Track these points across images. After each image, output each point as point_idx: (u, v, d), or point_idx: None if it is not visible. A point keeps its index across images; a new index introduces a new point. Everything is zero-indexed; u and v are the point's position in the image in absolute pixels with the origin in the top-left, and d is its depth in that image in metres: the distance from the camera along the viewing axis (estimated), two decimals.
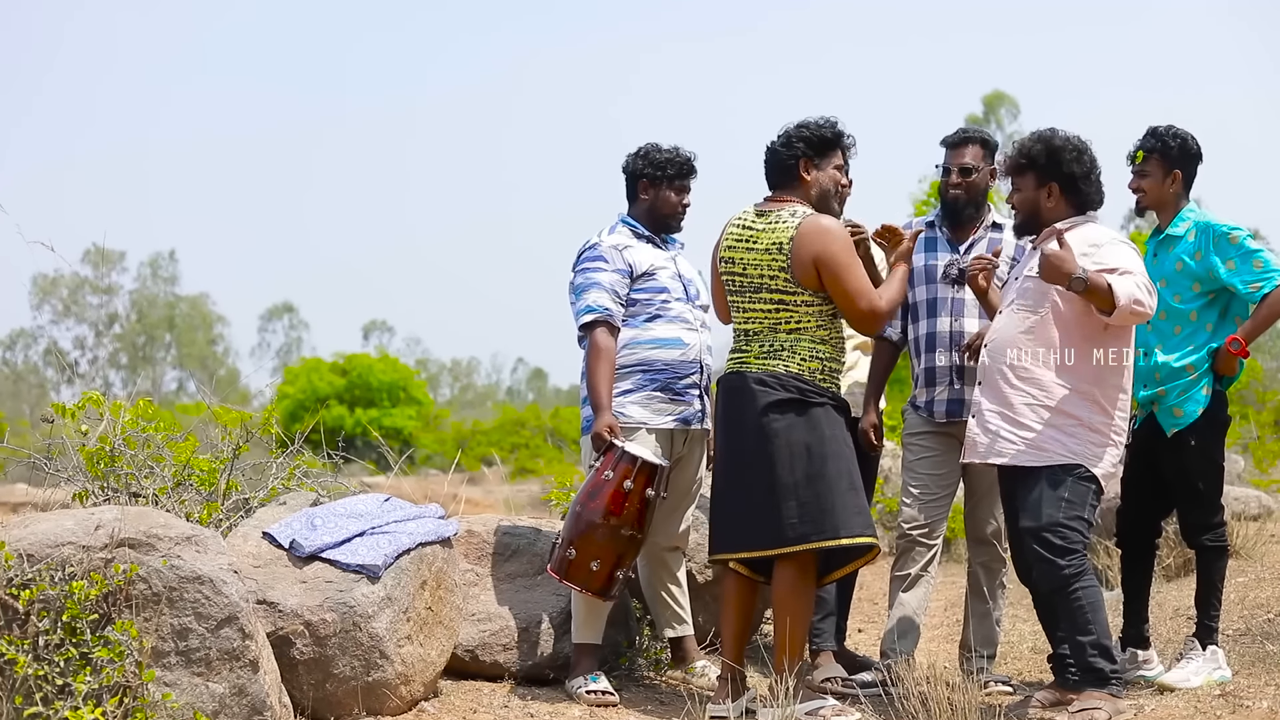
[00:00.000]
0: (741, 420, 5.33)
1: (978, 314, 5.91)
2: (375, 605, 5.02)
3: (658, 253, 6.01)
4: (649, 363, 5.85)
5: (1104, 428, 5.25)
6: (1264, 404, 25.68)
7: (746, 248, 5.37)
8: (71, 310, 60.41)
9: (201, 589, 4.38)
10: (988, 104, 55.78)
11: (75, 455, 5.49)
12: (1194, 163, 5.84)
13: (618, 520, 5.48)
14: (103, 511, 4.52)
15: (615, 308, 5.84)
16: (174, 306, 63.01)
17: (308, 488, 5.94)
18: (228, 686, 4.40)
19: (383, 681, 5.03)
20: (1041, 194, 5.40)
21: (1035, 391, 5.27)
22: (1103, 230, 5.36)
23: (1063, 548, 5.17)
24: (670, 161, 6.01)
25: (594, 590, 5.56)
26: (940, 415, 6.00)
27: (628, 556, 5.58)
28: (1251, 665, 5.79)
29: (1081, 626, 5.15)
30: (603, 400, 5.69)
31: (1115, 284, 5.08)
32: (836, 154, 5.48)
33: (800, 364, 5.29)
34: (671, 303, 5.90)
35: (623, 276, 5.88)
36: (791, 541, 5.18)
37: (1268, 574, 8.09)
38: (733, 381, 5.39)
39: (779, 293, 5.31)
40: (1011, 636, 7.36)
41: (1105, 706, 5.05)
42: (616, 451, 5.54)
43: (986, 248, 6.02)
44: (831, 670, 6.04)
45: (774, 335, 5.34)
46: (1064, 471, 5.21)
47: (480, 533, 6.16)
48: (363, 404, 39.20)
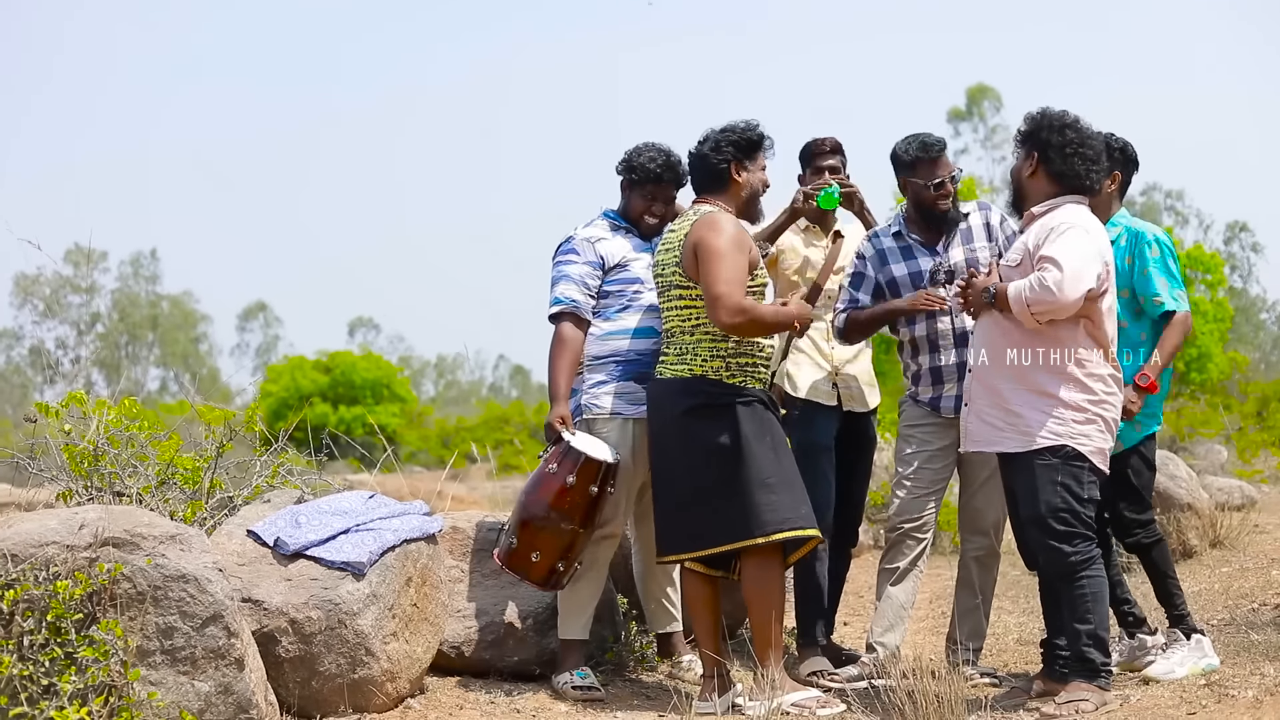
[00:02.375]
0: (662, 426, 5.50)
1: None
2: (360, 602, 5.01)
3: (633, 244, 6.02)
4: (621, 353, 5.87)
5: (1086, 404, 5.23)
6: (1246, 395, 25.80)
7: (665, 250, 5.53)
8: (53, 310, 60.21)
9: (186, 587, 4.37)
10: (971, 96, 55.92)
11: (59, 455, 5.47)
12: (1131, 168, 5.94)
13: (558, 514, 5.52)
14: (87, 511, 4.51)
15: (583, 299, 5.88)
16: (156, 305, 62.83)
17: (292, 485, 5.93)
18: (213, 685, 4.39)
19: (368, 678, 5.02)
20: (1025, 165, 5.40)
21: (1017, 375, 5.27)
22: (1074, 214, 5.30)
23: (1067, 533, 5.18)
24: (642, 168, 5.99)
25: (535, 580, 5.61)
26: (948, 411, 5.99)
27: (573, 549, 5.59)
28: (1236, 655, 5.81)
29: (1081, 615, 5.17)
30: (559, 391, 5.77)
31: (1009, 290, 5.18)
32: (761, 157, 5.58)
33: (703, 365, 5.40)
34: (644, 293, 5.91)
35: (594, 269, 5.91)
36: (720, 542, 5.32)
37: (1251, 564, 8.13)
38: (652, 388, 5.56)
39: (679, 288, 5.45)
40: (997, 628, 7.37)
41: (1092, 698, 5.06)
42: (563, 445, 5.58)
43: (962, 239, 6.05)
44: (817, 664, 6.04)
45: (681, 338, 5.47)
46: (1052, 454, 5.20)
47: (465, 529, 6.16)
48: (346, 401, 39.10)
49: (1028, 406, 5.24)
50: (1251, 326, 56.19)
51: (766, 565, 5.33)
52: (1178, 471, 9.01)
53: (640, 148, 6.05)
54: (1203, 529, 8.81)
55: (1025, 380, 5.25)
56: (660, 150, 6.02)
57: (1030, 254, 5.24)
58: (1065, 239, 5.17)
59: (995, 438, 5.34)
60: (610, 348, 5.88)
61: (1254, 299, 57.88)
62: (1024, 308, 5.13)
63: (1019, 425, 5.26)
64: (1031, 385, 5.24)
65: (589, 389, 5.86)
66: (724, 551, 5.35)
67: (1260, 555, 8.43)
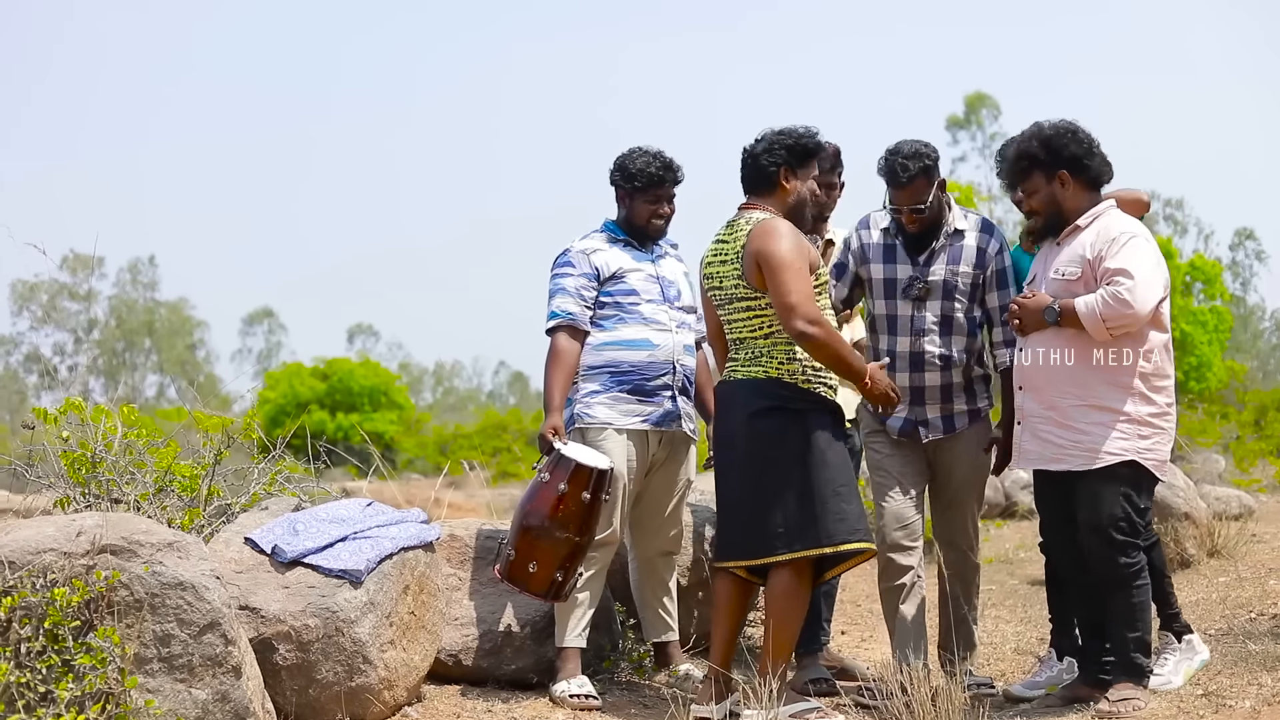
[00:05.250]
0: (730, 429, 5.38)
1: (938, 332, 5.80)
2: (358, 610, 5.01)
3: (631, 255, 6.01)
4: (616, 364, 5.86)
5: (1150, 417, 5.22)
6: (1244, 404, 25.83)
7: (721, 261, 5.44)
8: (51, 316, 60.17)
9: (184, 595, 4.37)
10: (969, 104, 55.92)
11: (56, 461, 5.47)
12: None
13: (553, 523, 5.50)
14: (84, 518, 4.51)
15: (579, 311, 5.89)
16: (153, 312, 62.77)
17: (289, 493, 5.93)
18: (210, 693, 4.38)
19: (366, 687, 5.02)
20: (1055, 187, 5.34)
21: (1079, 391, 5.22)
22: (1125, 221, 5.30)
23: (1124, 543, 5.20)
24: (641, 173, 5.97)
25: (536, 592, 5.59)
26: (893, 431, 5.89)
27: (572, 559, 5.57)
28: (1234, 665, 5.80)
29: (1132, 623, 5.22)
30: (553, 402, 5.76)
31: (1078, 306, 5.14)
32: (814, 165, 5.49)
33: (779, 367, 5.31)
34: (641, 304, 5.91)
35: (589, 280, 5.91)
36: (779, 551, 5.21)
37: (1249, 574, 8.12)
38: (720, 390, 5.48)
39: (745, 300, 5.36)
40: (995, 637, 7.37)
41: (1141, 697, 5.15)
42: (555, 455, 5.58)
43: (948, 258, 5.83)
44: (815, 672, 6.03)
45: (754, 342, 5.36)
46: (1119, 467, 5.18)
47: (463, 537, 6.15)
48: (344, 408, 39.07)
49: (1092, 423, 5.21)
50: (1250, 335, 56.24)
51: (800, 577, 5.25)
52: (1175, 480, 8.99)
53: (632, 154, 6.02)
54: (1200, 538, 8.79)
55: (1088, 396, 5.21)
56: (652, 153, 6.00)
57: (1091, 265, 5.22)
58: (1130, 249, 5.16)
59: (1056, 455, 5.30)
60: (605, 358, 5.87)
61: (1253, 307, 57.94)
62: (1098, 322, 5.10)
63: (1083, 443, 5.22)
64: (1095, 401, 5.21)
65: (582, 398, 5.87)
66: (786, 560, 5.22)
67: (1258, 565, 8.42)
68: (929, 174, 5.76)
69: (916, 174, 5.73)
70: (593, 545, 5.69)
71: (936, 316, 5.81)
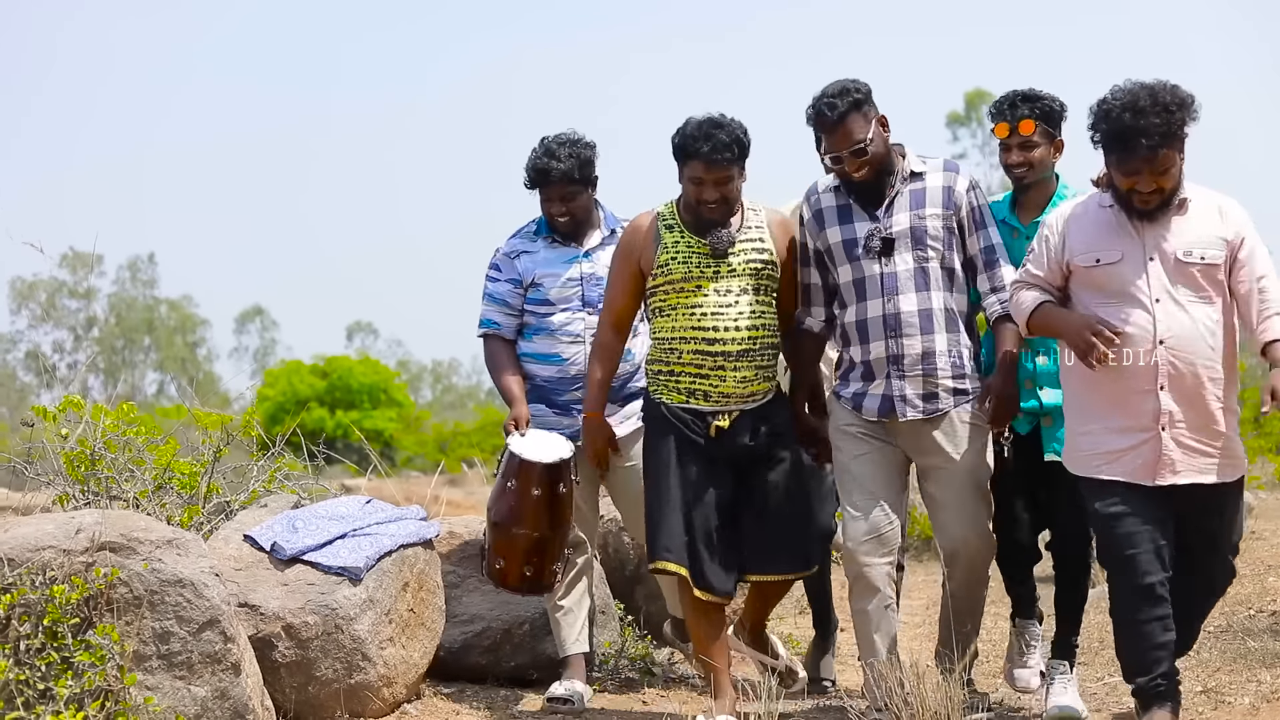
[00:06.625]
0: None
1: (914, 288, 5.04)
2: (357, 607, 5.01)
3: (557, 254, 5.72)
4: (532, 376, 5.70)
5: None
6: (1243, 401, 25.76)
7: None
8: (50, 314, 60.15)
9: (183, 592, 4.37)
10: (969, 101, 55.86)
11: (55, 459, 5.47)
12: None
13: (510, 519, 5.32)
14: (83, 515, 4.52)
15: (504, 319, 5.70)
16: (153, 310, 62.77)
17: (289, 490, 5.93)
18: (210, 690, 4.39)
19: (365, 684, 5.02)
20: (1179, 160, 4.63)
21: (1221, 394, 4.59)
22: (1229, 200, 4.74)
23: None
24: (529, 169, 5.66)
25: (510, 587, 5.46)
26: (870, 413, 5.11)
27: (540, 553, 5.35)
28: (1233, 662, 5.80)
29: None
30: (510, 395, 5.61)
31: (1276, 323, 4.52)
32: (686, 164, 5.09)
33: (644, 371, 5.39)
34: (555, 313, 5.67)
35: (514, 286, 5.70)
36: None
37: (1248, 571, 8.11)
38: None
39: None
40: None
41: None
42: (504, 449, 5.50)
43: (911, 202, 5.09)
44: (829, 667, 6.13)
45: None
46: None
47: (462, 534, 6.15)
48: (343, 406, 39.12)
49: (1231, 428, 4.63)
50: (1248, 331, 56.15)
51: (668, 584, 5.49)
52: None
53: (536, 146, 5.66)
54: None
55: (1227, 398, 4.61)
56: (548, 143, 5.63)
57: (1232, 248, 4.61)
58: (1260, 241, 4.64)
59: (1209, 467, 4.62)
60: (525, 369, 5.72)
61: None
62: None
63: (1230, 450, 4.64)
64: (1230, 404, 4.62)
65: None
66: None
67: (1257, 562, 8.41)
68: (861, 108, 5.02)
69: (847, 109, 5.00)
70: (565, 544, 5.47)
71: (909, 268, 5.06)
